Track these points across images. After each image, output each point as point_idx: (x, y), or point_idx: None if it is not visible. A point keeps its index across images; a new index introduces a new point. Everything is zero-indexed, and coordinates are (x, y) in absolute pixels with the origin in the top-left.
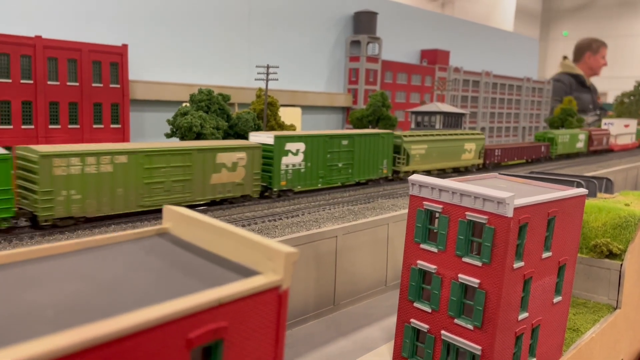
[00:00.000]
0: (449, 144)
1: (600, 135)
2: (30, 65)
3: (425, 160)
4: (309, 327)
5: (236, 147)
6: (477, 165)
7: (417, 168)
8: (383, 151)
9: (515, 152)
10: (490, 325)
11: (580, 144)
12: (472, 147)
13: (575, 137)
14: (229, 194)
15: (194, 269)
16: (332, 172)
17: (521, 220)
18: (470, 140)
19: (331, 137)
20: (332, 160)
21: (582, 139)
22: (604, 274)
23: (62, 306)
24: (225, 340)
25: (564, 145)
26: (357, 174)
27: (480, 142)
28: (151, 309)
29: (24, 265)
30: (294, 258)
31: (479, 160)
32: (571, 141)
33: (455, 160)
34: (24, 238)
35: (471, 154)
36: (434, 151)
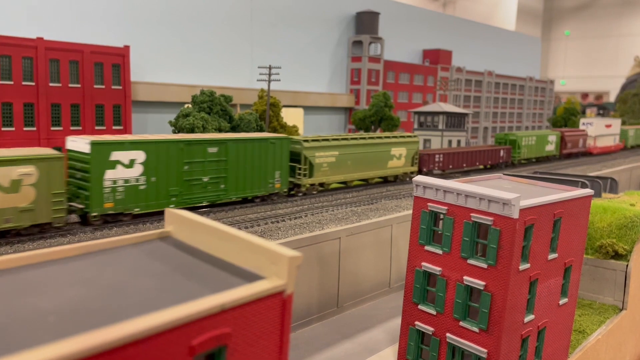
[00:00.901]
0: (370, 150)
1: (575, 137)
2: (32, 67)
3: (336, 169)
4: (313, 330)
5: (16, 159)
6: (410, 173)
7: (326, 180)
8: (275, 160)
9: (463, 157)
10: (496, 327)
11: (550, 147)
12: (401, 152)
13: (543, 139)
14: (7, 224)
15: (196, 274)
16: (192, 188)
17: (527, 221)
18: (399, 144)
19: (189, 143)
20: (191, 174)
21: (552, 140)
22: (610, 275)
23: (64, 312)
24: (228, 347)
25: (530, 148)
26: (234, 190)
27: (413, 145)
28: (154, 316)
29: (25, 270)
30: (297, 262)
31: (411, 167)
32: (539, 144)
33: (379, 168)
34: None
35: (401, 161)
36: (348, 158)
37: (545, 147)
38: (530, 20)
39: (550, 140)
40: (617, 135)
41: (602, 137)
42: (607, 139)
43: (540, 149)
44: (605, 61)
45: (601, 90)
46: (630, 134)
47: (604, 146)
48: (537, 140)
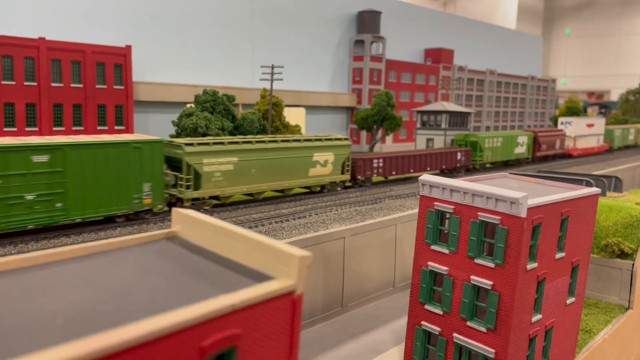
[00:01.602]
0: (284, 155)
1: (550, 137)
2: (33, 67)
3: (236, 179)
4: (317, 330)
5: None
6: (340, 182)
7: (220, 192)
8: (142, 170)
9: (410, 161)
10: (503, 327)
11: (520, 149)
12: (327, 157)
13: (511, 140)
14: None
15: (205, 274)
16: (8, 209)
17: (535, 220)
18: (325, 148)
19: (2, 151)
20: (7, 191)
21: (522, 142)
22: (616, 274)
23: (71, 314)
24: (238, 348)
25: (495, 150)
26: (78, 209)
27: (343, 150)
28: (163, 317)
29: (31, 271)
30: (307, 262)
31: (342, 175)
32: (506, 146)
33: (298, 177)
34: None
35: (327, 168)
36: (252, 166)
37: (515, 149)
38: (530, 19)
39: (520, 142)
40: (600, 136)
41: (583, 138)
42: (590, 140)
43: (508, 152)
44: (606, 60)
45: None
46: (616, 134)
47: (586, 147)
48: (504, 142)
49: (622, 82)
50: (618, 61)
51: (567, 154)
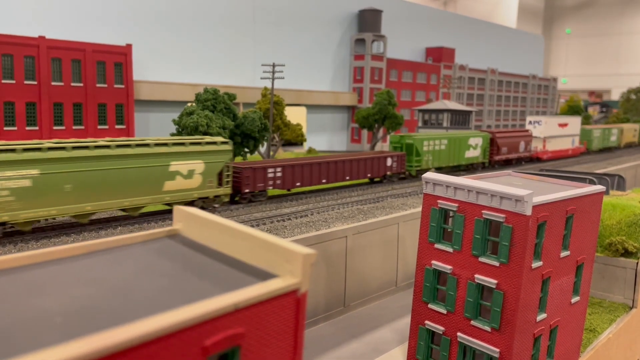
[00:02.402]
0: (122, 164)
1: (512, 139)
2: (34, 66)
3: (36, 199)
4: (320, 329)
5: None
6: (215, 198)
7: (10, 217)
8: None
9: (319, 170)
10: (508, 326)
11: (473, 152)
12: (194, 166)
13: (461, 142)
14: None
15: (207, 272)
16: None
17: (540, 218)
18: (189, 155)
19: None
20: None
21: (476, 144)
22: (620, 273)
23: (71, 312)
24: (242, 347)
25: (437, 155)
26: None
27: (219, 156)
28: (166, 316)
29: (31, 269)
30: (312, 260)
31: (219, 189)
32: (453, 149)
33: (146, 192)
34: None
35: (193, 180)
36: (66, 180)
37: (465, 152)
38: (531, 19)
39: (472, 144)
40: (576, 137)
41: (555, 139)
42: (563, 141)
43: (456, 156)
44: (606, 59)
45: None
46: (595, 135)
47: (558, 150)
48: (449, 145)
49: (623, 81)
50: (618, 60)
51: (534, 157)
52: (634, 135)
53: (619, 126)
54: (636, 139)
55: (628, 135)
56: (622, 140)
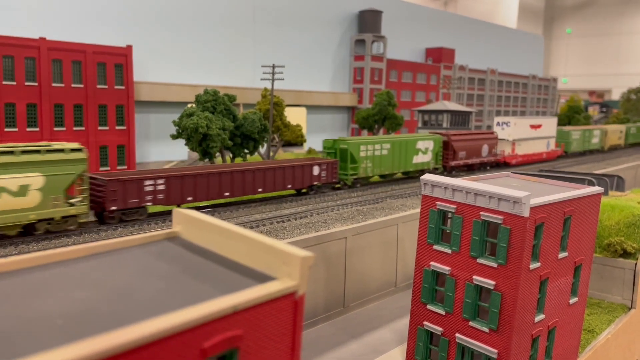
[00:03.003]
0: None
1: (473, 142)
2: (34, 67)
3: None
4: (319, 330)
5: None
6: (65, 220)
7: None
8: None
9: (219, 182)
10: (506, 327)
11: (422, 157)
12: (27, 181)
13: (406, 146)
14: None
15: (206, 275)
16: None
17: (537, 220)
18: (19, 166)
19: None
20: None
21: (426, 148)
22: (618, 274)
23: (71, 315)
24: (240, 350)
25: (377, 161)
26: None
27: (66, 168)
28: (165, 318)
29: (31, 272)
30: (309, 262)
31: (71, 208)
32: (397, 154)
33: None
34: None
35: (27, 198)
36: None
37: (413, 158)
38: (531, 19)
39: (422, 148)
40: (551, 139)
41: (526, 142)
42: (535, 144)
43: (402, 162)
44: (606, 59)
45: (603, 88)
46: (573, 137)
47: (530, 153)
48: (393, 149)
49: (623, 81)
50: (619, 60)
51: (501, 161)
52: (619, 137)
53: (602, 127)
54: (622, 141)
55: (612, 137)
56: (605, 143)
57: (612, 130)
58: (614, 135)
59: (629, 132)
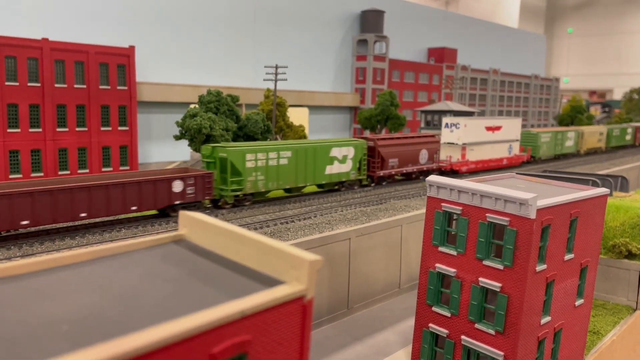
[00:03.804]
0: None
1: (406, 148)
2: (37, 68)
3: None
4: (323, 332)
5: None
6: None
7: None
8: None
9: (41, 203)
10: (512, 330)
11: (340, 167)
12: None
13: (316, 154)
14: None
15: (213, 278)
16: None
17: (544, 221)
18: None
19: None
20: None
21: (344, 156)
22: (623, 275)
23: (77, 320)
24: (249, 355)
25: (273, 172)
26: None
27: None
28: (173, 323)
29: (36, 276)
30: (318, 266)
31: None
32: (303, 163)
33: None
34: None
35: None
36: None
37: (326, 168)
38: (533, 18)
39: (338, 156)
40: (514, 143)
41: (480, 146)
42: (494, 149)
43: (309, 173)
44: (608, 59)
45: (604, 87)
46: (542, 140)
47: (486, 159)
48: (296, 157)
49: (625, 80)
50: (620, 60)
51: (447, 169)
52: (599, 139)
53: (579, 129)
54: (602, 144)
55: (591, 140)
56: (582, 146)
57: (591, 132)
58: (593, 137)
59: (611, 134)
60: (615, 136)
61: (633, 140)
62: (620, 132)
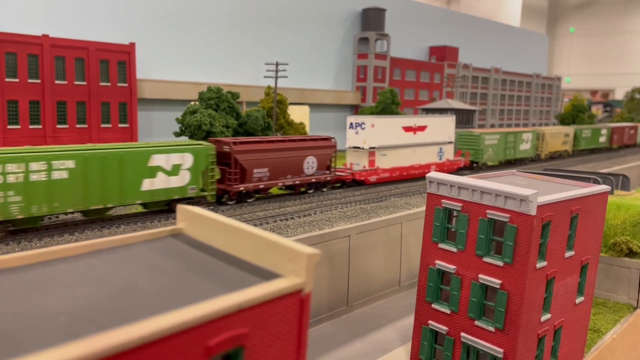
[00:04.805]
0: None
1: (283, 155)
2: (37, 65)
3: None
4: (323, 329)
5: None
6: None
7: None
8: None
9: None
10: (512, 327)
11: (168, 181)
12: None
13: (124, 163)
14: None
15: (210, 272)
16: None
17: (544, 218)
18: None
19: None
20: None
21: (174, 166)
22: (624, 273)
23: (73, 312)
24: (246, 348)
25: (36, 191)
26: None
27: None
28: (169, 316)
29: (34, 268)
30: (315, 259)
31: None
32: (100, 177)
33: None
34: None
35: None
36: None
37: (140, 183)
38: (534, 18)
39: (165, 166)
40: (445, 146)
41: (395, 151)
42: (416, 153)
43: (113, 191)
44: (610, 58)
45: (606, 87)
46: (486, 143)
47: (406, 166)
48: (80, 170)
49: (627, 80)
50: (622, 59)
51: (348, 179)
52: (564, 142)
53: (538, 129)
54: (568, 147)
55: (554, 143)
56: (543, 149)
57: (554, 133)
58: (556, 139)
59: (580, 136)
60: (586, 138)
61: (608, 142)
62: (592, 134)
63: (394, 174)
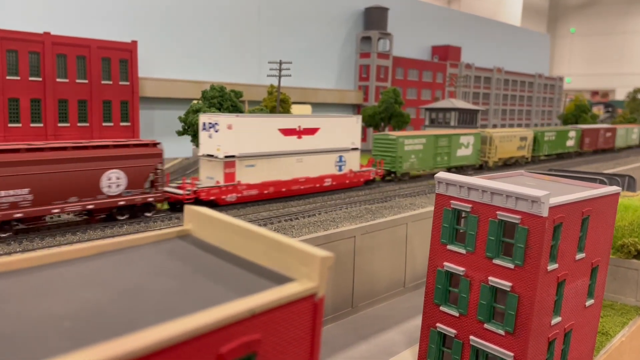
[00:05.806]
0: None
1: (49, 169)
2: (38, 62)
3: None
4: (328, 331)
5: None
6: None
7: None
8: None
9: None
10: (523, 330)
11: None
12: None
13: None
14: None
15: (220, 275)
16: None
17: (556, 220)
18: None
19: None
20: None
21: None
22: (632, 275)
23: (79, 317)
24: (258, 354)
25: None
26: None
27: None
28: (179, 322)
29: (39, 270)
30: (329, 263)
31: None
32: None
33: None
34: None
35: None
36: None
37: None
38: (535, 17)
39: None
40: (348, 153)
41: (267, 160)
42: (304, 164)
43: None
44: (610, 59)
45: (607, 87)
46: (406, 148)
47: (281, 180)
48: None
49: (628, 80)
50: (623, 60)
51: (184, 199)
52: (519, 147)
53: (485, 131)
54: (526, 153)
55: (507, 148)
56: (491, 155)
57: (505, 137)
58: (509, 145)
59: (542, 140)
60: (549, 142)
61: (578, 146)
62: (557, 137)
63: (267, 190)
